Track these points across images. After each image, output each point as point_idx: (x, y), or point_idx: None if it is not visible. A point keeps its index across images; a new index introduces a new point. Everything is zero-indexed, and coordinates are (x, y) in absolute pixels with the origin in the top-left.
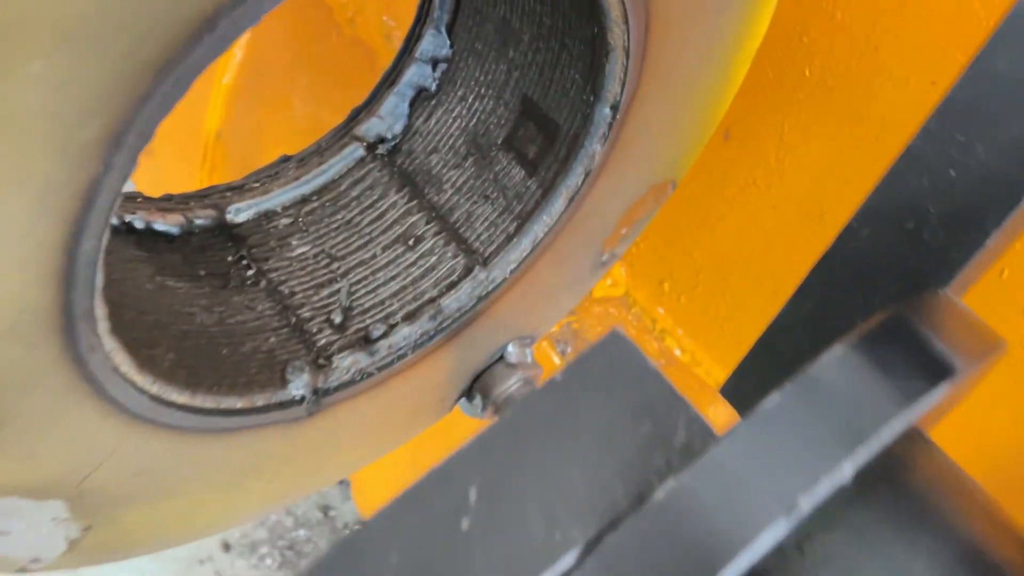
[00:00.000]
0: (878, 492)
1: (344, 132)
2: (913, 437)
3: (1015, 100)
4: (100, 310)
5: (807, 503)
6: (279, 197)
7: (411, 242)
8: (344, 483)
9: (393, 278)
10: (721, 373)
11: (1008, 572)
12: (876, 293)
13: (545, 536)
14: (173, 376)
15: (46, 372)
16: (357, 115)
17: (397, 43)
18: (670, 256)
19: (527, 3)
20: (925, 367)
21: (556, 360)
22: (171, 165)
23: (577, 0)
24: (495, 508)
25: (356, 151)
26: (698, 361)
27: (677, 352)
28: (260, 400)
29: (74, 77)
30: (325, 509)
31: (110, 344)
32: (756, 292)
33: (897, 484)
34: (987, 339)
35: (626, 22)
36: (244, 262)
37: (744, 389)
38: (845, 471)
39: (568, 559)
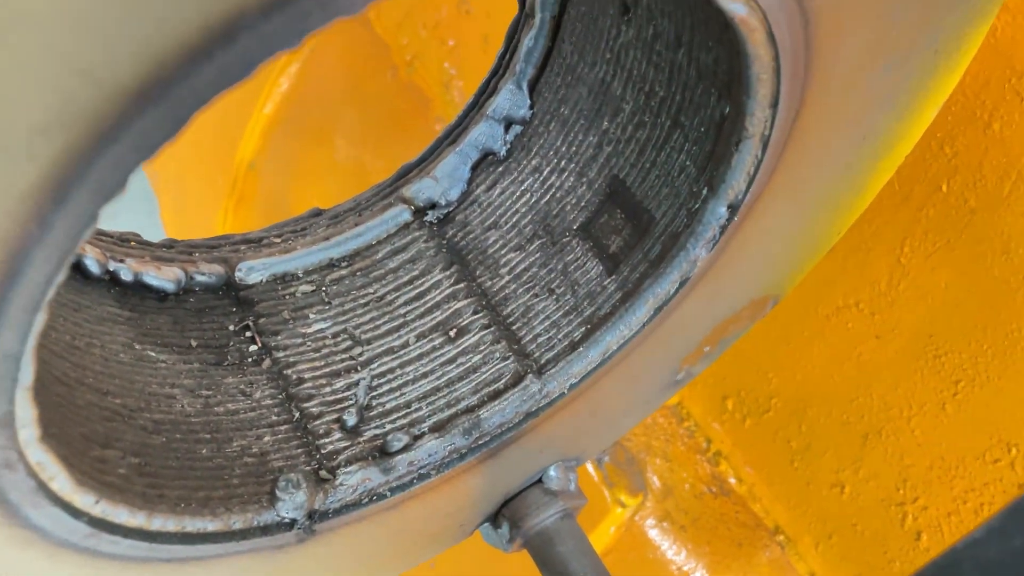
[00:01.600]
0: None
1: (390, 190)
2: None
3: None
4: (24, 413)
5: None
6: (302, 259)
7: (452, 333)
8: None
9: (425, 375)
10: (782, 513)
11: None
12: None
13: None
14: (126, 489)
15: None
16: (408, 172)
17: (455, 94)
18: (741, 371)
19: (637, 67)
20: None
21: (592, 471)
22: (196, 190)
23: (709, 70)
24: None
25: (401, 214)
26: (756, 496)
27: (732, 481)
28: (239, 523)
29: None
30: None
31: (37, 456)
32: (839, 432)
33: None
34: None
35: (774, 106)
36: (248, 334)
37: None
38: None
39: None
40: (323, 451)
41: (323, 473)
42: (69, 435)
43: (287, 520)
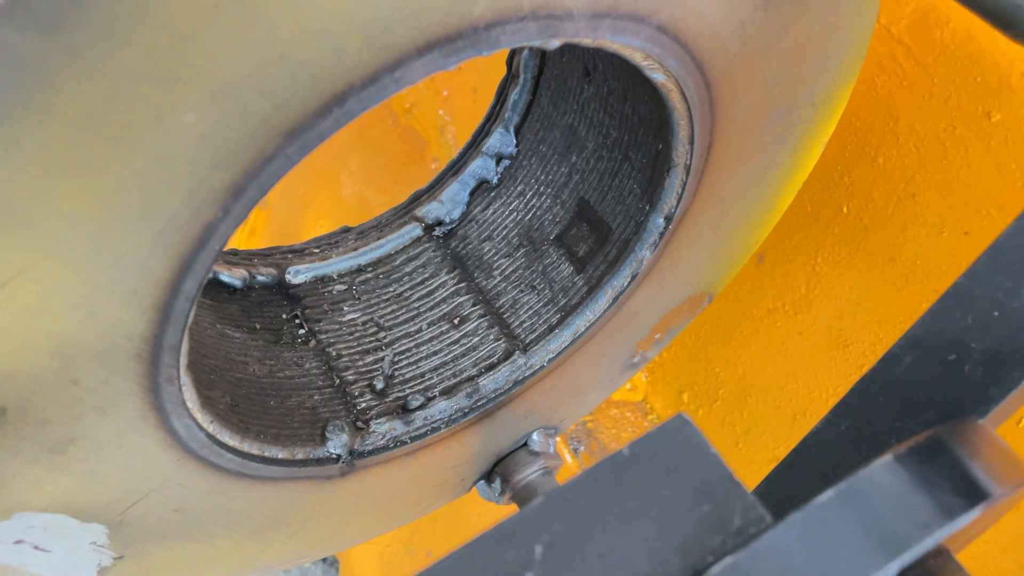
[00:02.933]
0: None
1: (405, 211)
2: (942, 553)
3: None
4: (185, 345)
5: None
6: (336, 264)
7: (456, 321)
8: (328, 562)
9: (435, 353)
10: None
11: None
12: (914, 417)
13: None
14: (227, 419)
15: (123, 397)
16: (419, 197)
17: (450, 137)
18: (693, 369)
19: (596, 116)
20: (964, 488)
21: (569, 458)
22: None
23: (646, 118)
24: (559, 568)
25: (414, 230)
26: None
27: None
28: (300, 454)
29: (216, 131)
30: None
31: (185, 379)
32: (774, 415)
33: None
34: (1019, 470)
35: (691, 143)
36: (297, 321)
37: (777, 494)
38: (890, 573)
39: None
40: (358, 407)
41: (359, 424)
42: (194, 374)
43: (334, 455)
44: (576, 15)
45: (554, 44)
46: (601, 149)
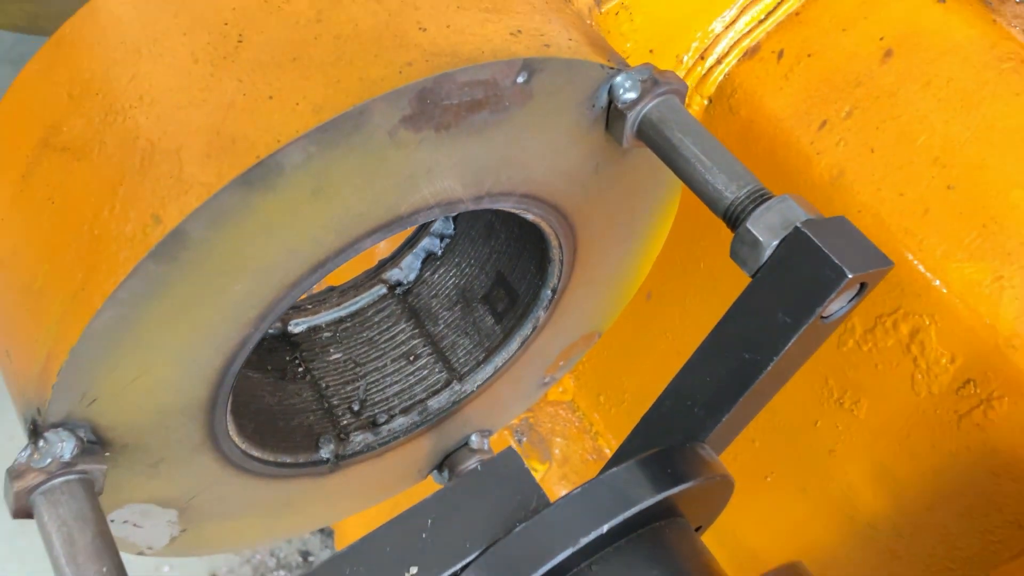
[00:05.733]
0: (642, 543)
1: (374, 275)
2: (676, 520)
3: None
4: (230, 400)
5: (591, 537)
6: (325, 317)
7: (411, 358)
8: (326, 533)
9: (396, 383)
10: None
11: None
12: (669, 439)
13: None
14: (252, 439)
15: (193, 434)
16: (384, 265)
17: None
18: (607, 378)
19: (507, 216)
20: (675, 474)
21: (515, 445)
22: None
23: (533, 229)
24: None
25: (381, 290)
26: None
27: (606, 450)
28: (301, 458)
29: (256, 290)
30: (305, 554)
31: (229, 419)
32: None
33: (655, 540)
34: (713, 470)
35: (560, 247)
36: (296, 361)
37: None
38: (614, 522)
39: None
40: (341, 424)
41: (342, 436)
42: (232, 413)
43: (324, 459)
44: (464, 200)
45: (454, 213)
46: (510, 239)
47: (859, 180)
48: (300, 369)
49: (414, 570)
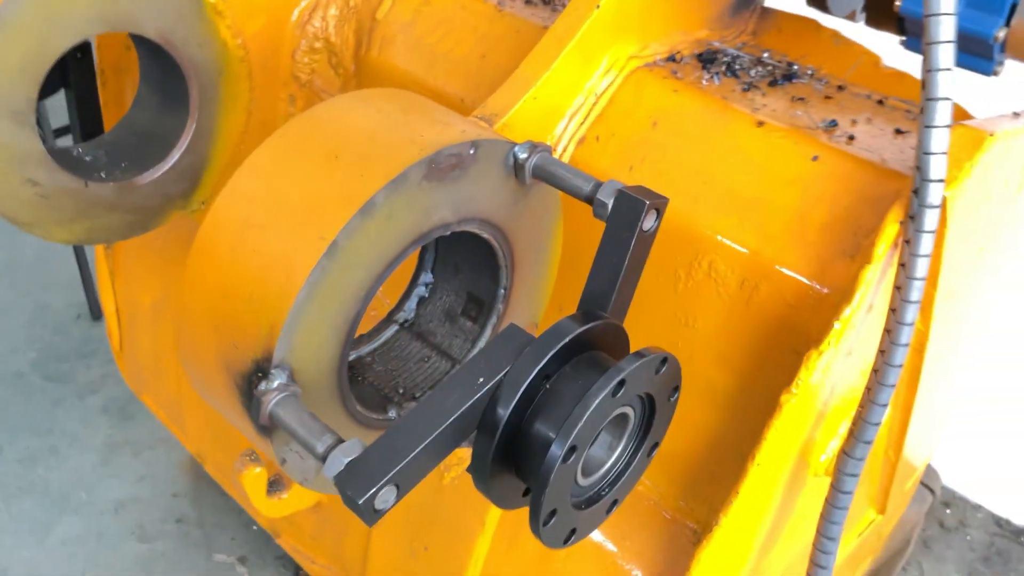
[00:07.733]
0: (579, 363)
1: (389, 319)
2: (595, 347)
3: None
4: (345, 378)
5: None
6: (365, 349)
7: (426, 360)
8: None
9: (421, 375)
10: None
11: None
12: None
13: None
14: (358, 402)
15: (332, 399)
16: (393, 312)
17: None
18: None
19: (466, 254)
20: (590, 318)
21: None
22: None
23: (484, 254)
24: None
25: (394, 327)
26: None
27: None
28: (379, 416)
29: (366, 278)
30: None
31: (348, 387)
32: None
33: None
34: (612, 320)
35: (504, 256)
36: (358, 376)
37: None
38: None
39: None
40: (394, 400)
41: (400, 405)
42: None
43: (392, 417)
44: (451, 222)
45: (447, 233)
46: (473, 268)
47: (659, 191)
48: (359, 379)
49: (481, 380)
